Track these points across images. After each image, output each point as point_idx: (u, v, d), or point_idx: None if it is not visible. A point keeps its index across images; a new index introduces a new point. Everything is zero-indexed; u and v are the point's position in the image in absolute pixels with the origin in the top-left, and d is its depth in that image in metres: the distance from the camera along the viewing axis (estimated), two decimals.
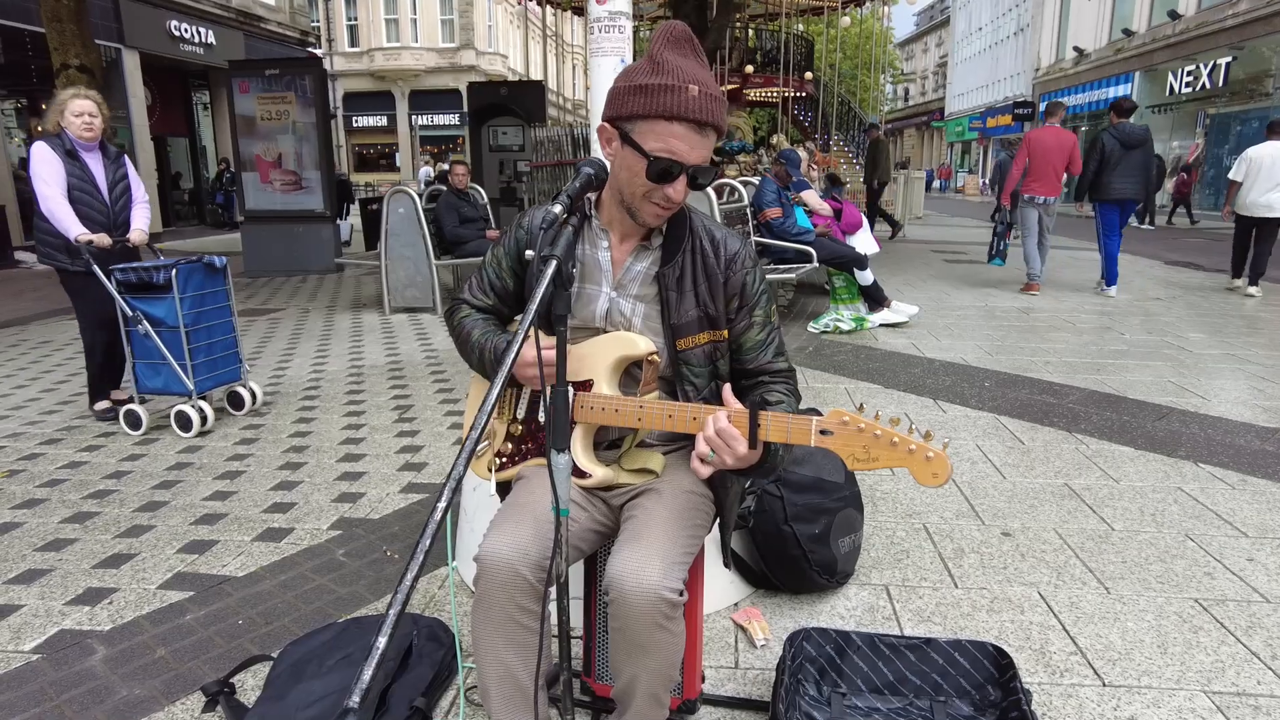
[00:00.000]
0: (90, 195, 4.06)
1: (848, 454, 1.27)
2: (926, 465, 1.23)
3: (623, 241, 1.55)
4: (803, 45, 21.03)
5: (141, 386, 4.09)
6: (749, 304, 1.54)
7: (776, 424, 1.32)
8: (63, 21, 7.34)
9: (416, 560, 0.87)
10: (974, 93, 42.34)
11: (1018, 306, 7.20)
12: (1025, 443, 3.69)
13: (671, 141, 1.35)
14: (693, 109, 1.34)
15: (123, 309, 3.93)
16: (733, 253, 1.53)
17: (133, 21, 14.35)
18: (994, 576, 2.50)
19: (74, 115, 4.01)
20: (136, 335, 3.99)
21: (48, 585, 2.53)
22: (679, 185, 1.39)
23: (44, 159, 3.95)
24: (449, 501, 0.91)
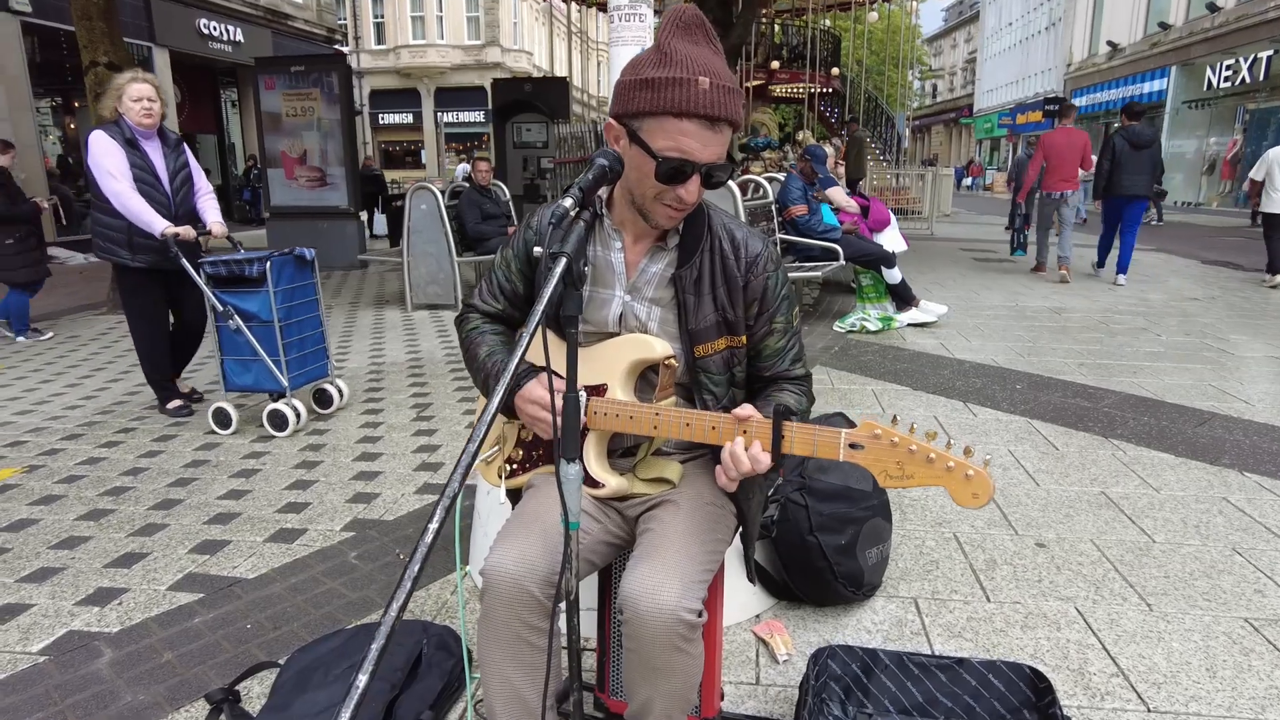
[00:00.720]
0: (152, 186, 3.88)
1: (879, 470, 1.18)
2: (966, 484, 1.14)
3: (636, 242, 1.46)
4: (829, 41, 20.77)
5: (230, 384, 3.97)
6: (770, 309, 1.45)
7: (802, 436, 1.23)
8: (92, 19, 7.37)
9: (403, 588, 0.79)
10: (1003, 89, 41.69)
11: (1049, 306, 7.02)
12: (1059, 448, 3.55)
13: (681, 140, 1.25)
14: (703, 104, 1.23)
15: (213, 304, 3.81)
16: (754, 254, 1.44)
17: (163, 20, 14.50)
18: (1028, 590, 2.39)
19: (132, 100, 3.81)
20: (226, 331, 3.86)
21: (59, 584, 2.50)
22: (691, 186, 1.29)
23: (106, 149, 3.75)
24: (441, 522, 0.84)
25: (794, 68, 19.67)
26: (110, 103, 3.85)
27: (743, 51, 17.04)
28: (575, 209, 1.18)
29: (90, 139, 3.77)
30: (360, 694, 0.74)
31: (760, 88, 19.83)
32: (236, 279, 3.82)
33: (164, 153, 3.98)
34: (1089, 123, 28.46)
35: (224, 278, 3.82)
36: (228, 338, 3.89)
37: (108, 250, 3.95)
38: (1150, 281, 8.53)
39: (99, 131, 3.78)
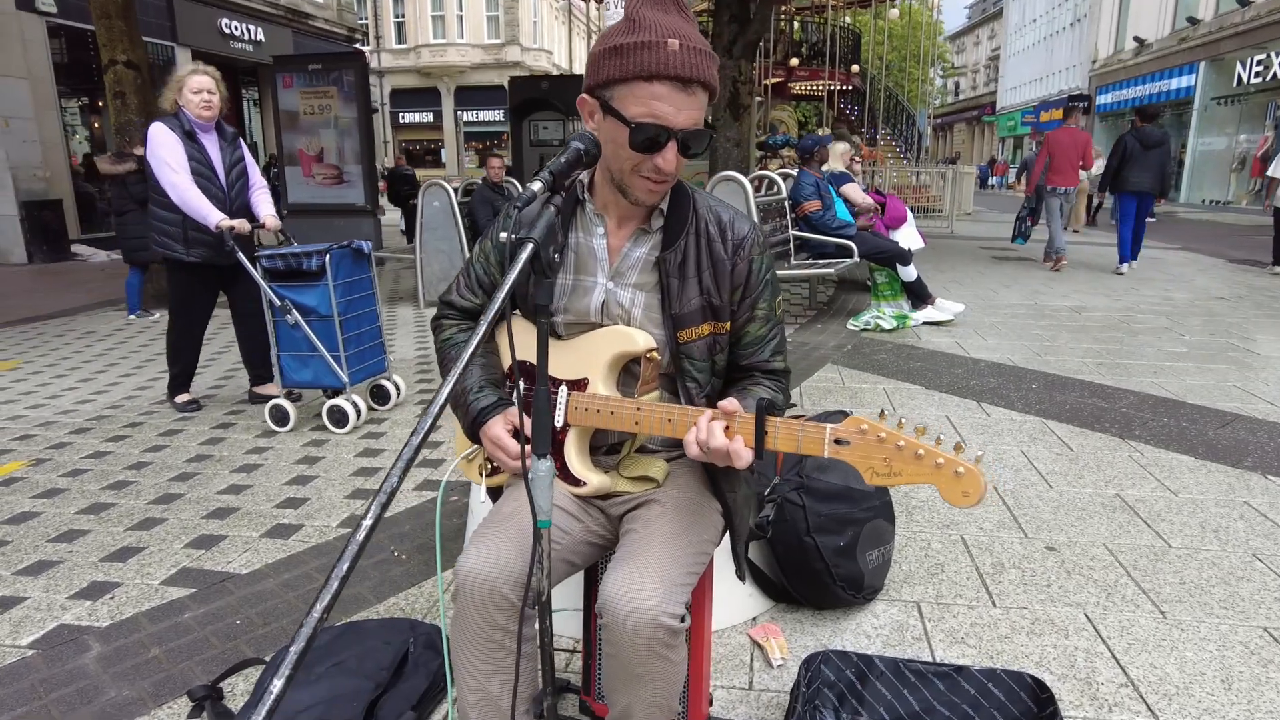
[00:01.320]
0: (208, 180, 3.85)
1: (866, 467, 1.12)
2: (956, 482, 1.07)
3: (620, 227, 1.41)
4: (849, 38, 20.57)
5: (287, 380, 3.89)
6: (753, 294, 1.40)
7: (786, 432, 1.18)
8: (111, 18, 7.45)
9: (329, 589, 0.75)
10: (1026, 86, 41.15)
11: (1069, 305, 6.88)
12: (1074, 449, 3.46)
13: (654, 104, 1.20)
14: (674, 65, 1.19)
15: (270, 298, 3.75)
16: (741, 236, 1.39)
17: (185, 20, 14.64)
18: (1036, 595, 2.31)
19: (191, 93, 3.78)
20: (283, 326, 3.79)
21: (54, 578, 2.50)
22: (668, 154, 1.24)
23: (165, 142, 3.72)
24: (375, 519, 0.79)
25: (813, 65, 19.52)
26: (171, 95, 3.83)
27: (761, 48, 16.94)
28: (546, 193, 1.13)
29: (150, 131, 3.75)
30: (274, 700, 0.69)
31: (779, 85, 19.69)
32: (294, 273, 3.77)
33: (221, 146, 3.96)
34: (1115, 120, 28.01)
35: (280, 272, 3.77)
36: (285, 333, 3.82)
37: (162, 244, 3.92)
38: (1175, 280, 8.35)
39: (159, 124, 3.77)
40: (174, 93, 3.82)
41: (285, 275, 3.77)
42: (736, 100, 10.90)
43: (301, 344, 3.79)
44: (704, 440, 1.19)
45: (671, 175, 1.28)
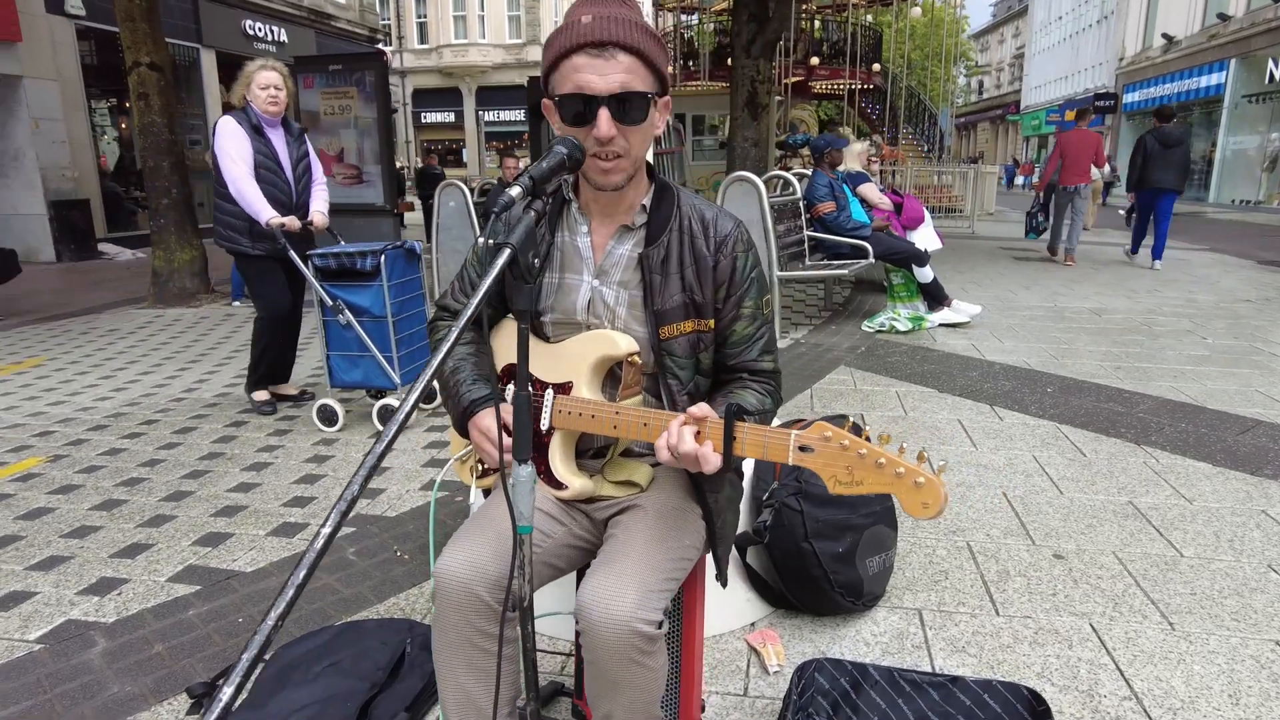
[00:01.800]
0: (275, 174, 3.86)
1: (829, 475, 1.11)
2: (916, 492, 1.06)
3: (603, 225, 1.41)
4: (870, 36, 20.41)
5: (336, 380, 3.87)
6: (738, 292, 1.38)
7: (753, 437, 1.17)
8: (135, 21, 7.56)
9: (284, 597, 0.75)
10: (1052, 85, 40.61)
11: (1089, 307, 6.78)
12: (1087, 455, 3.40)
13: (576, 77, 1.23)
14: (586, 34, 1.22)
15: (322, 297, 3.73)
16: (724, 234, 1.38)
17: (210, 22, 14.83)
18: (1041, 604, 2.27)
19: (259, 88, 3.78)
20: (334, 326, 3.78)
21: (65, 573, 2.54)
22: (601, 122, 1.23)
23: (231, 135, 3.74)
24: (335, 527, 0.79)
25: (834, 64, 19.40)
26: (239, 90, 3.84)
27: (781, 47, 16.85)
28: (525, 198, 1.13)
29: (218, 125, 3.77)
30: (222, 708, 0.69)
31: (800, 84, 19.59)
32: (346, 272, 3.74)
33: (287, 141, 3.96)
34: (1142, 118, 27.56)
35: (333, 271, 3.74)
36: (336, 333, 3.80)
37: (228, 238, 3.92)
38: (1200, 282, 8.20)
39: (227, 117, 3.79)
40: (243, 88, 3.83)
41: (337, 274, 3.75)
42: (754, 99, 10.86)
43: (352, 344, 3.76)
44: (674, 445, 1.18)
45: (612, 145, 1.26)
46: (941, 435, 3.66)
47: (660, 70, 1.29)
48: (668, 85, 1.33)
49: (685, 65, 20.30)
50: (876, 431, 3.71)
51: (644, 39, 1.25)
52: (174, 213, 7.87)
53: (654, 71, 1.28)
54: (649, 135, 1.31)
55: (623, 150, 1.27)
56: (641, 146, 1.31)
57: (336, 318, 3.73)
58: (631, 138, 1.28)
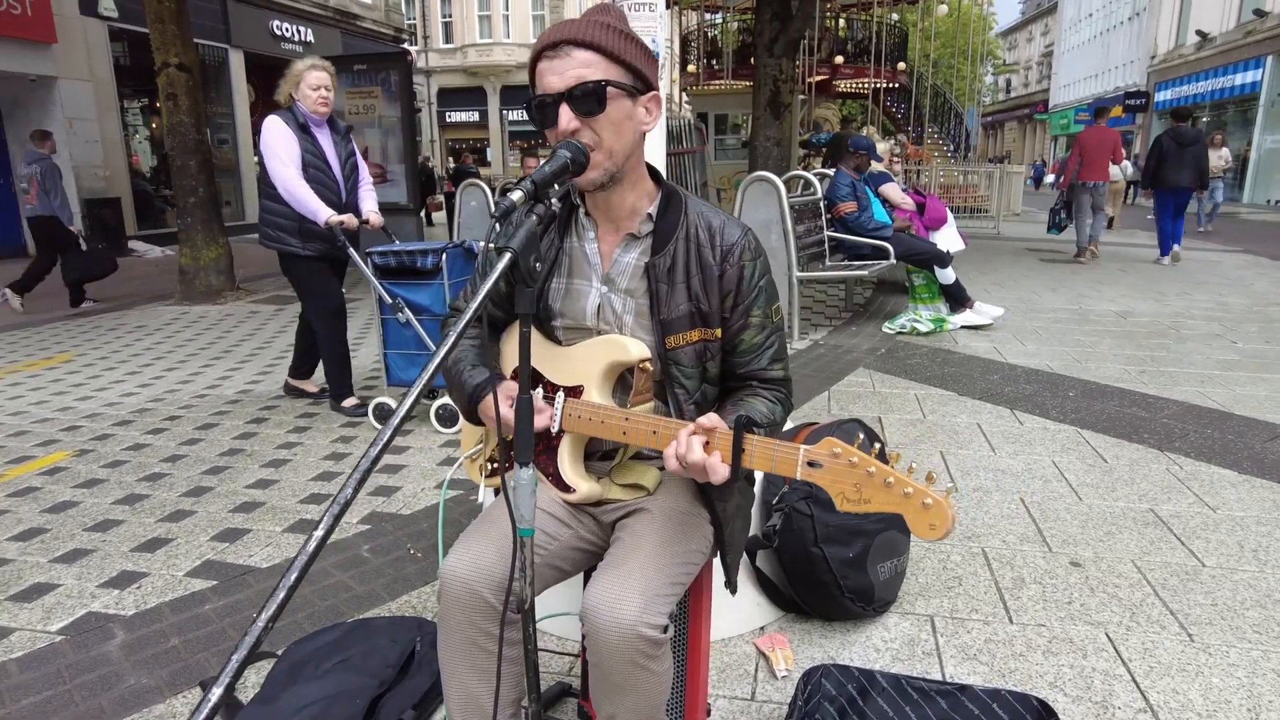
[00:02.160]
0: (323, 173, 3.82)
1: (837, 492, 1.10)
2: (924, 513, 1.05)
3: (610, 232, 1.41)
4: (895, 35, 20.22)
5: (393, 379, 3.87)
6: (745, 301, 1.38)
7: (762, 450, 1.16)
8: (164, 22, 7.68)
9: (275, 599, 0.76)
10: (1081, 83, 40.01)
11: (1115, 310, 6.67)
12: (1108, 461, 3.35)
13: (540, 82, 1.27)
14: (542, 41, 1.27)
15: (381, 295, 3.73)
16: (730, 243, 1.37)
17: (238, 22, 15.04)
18: (1056, 612, 2.24)
19: (310, 88, 3.72)
20: (392, 324, 3.77)
21: (87, 566, 2.59)
22: (562, 118, 1.25)
23: (280, 135, 3.68)
24: (328, 530, 0.80)
25: (859, 63, 19.24)
26: (287, 89, 3.79)
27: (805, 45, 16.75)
28: (527, 202, 1.13)
29: (265, 124, 3.71)
30: (211, 707, 0.70)
31: (824, 83, 19.46)
32: (405, 270, 3.73)
33: (334, 140, 3.92)
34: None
35: (391, 269, 3.74)
36: (394, 331, 3.78)
37: (276, 239, 3.88)
38: (1232, 284, 8.03)
39: (274, 117, 3.73)
40: (290, 87, 3.77)
41: (395, 273, 3.74)
42: (777, 98, 10.80)
43: (410, 342, 3.75)
44: (682, 454, 1.18)
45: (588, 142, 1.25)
46: (960, 439, 3.62)
47: (631, 65, 1.27)
48: (650, 82, 1.32)
49: (709, 64, 20.25)
50: (894, 436, 3.68)
51: (603, 34, 1.25)
52: (201, 211, 7.99)
53: (622, 66, 1.27)
54: (624, 128, 1.29)
55: (593, 143, 1.26)
56: (616, 139, 1.28)
57: (395, 316, 3.71)
58: (600, 131, 1.26)
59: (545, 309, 1.44)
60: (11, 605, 2.37)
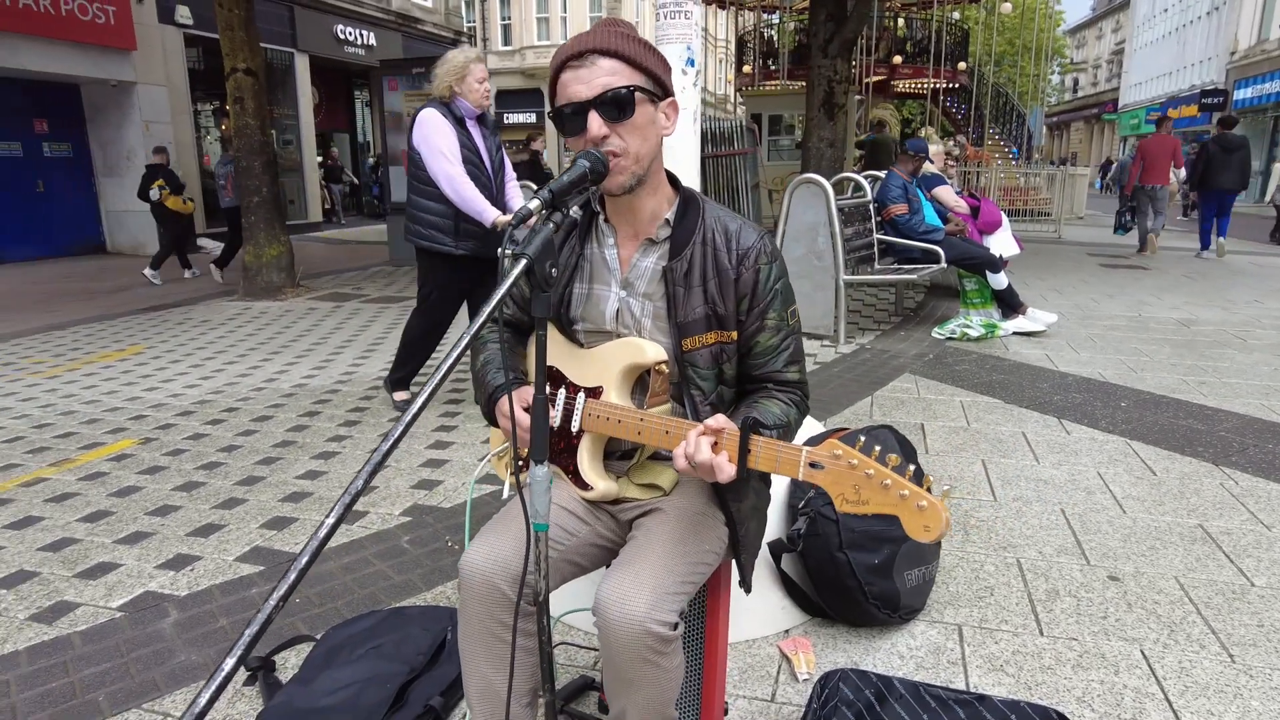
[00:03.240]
0: (478, 169, 3.69)
1: (837, 493, 1.12)
2: (919, 515, 1.06)
3: (629, 237, 1.45)
4: (956, 34, 19.80)
5: None
6: (760, 304, 1.40)
7: (767, 451, 1.19)
8: (234, 29, 8.00)
9: (287, 579, 0.81)
10: (1153, 81, 38.52)
11: (1178, 318, 6.44)
12: (1157, 473, 3.25)
13: (565, 91, 1.31)
14: (566, 51, 1.30)
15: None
16: (746, 246, 1.40)
17: (305, 27, 15.54)
18: (1089, 626, 2.20)
19: (477, 81, 3.58)
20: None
21: (146, 548, 2.74)
22: (592, 125, 1.28)
23: (441, 130, 3.53)
24: (339, 518, 0.86)
25: (918, 62, 18.90)
26: (447, 81, 3.60)
27: (862, 46, 16.53)
28: (544, 210, 1.18)
29: (422, 117, 3.57)
30: (225, 677, 0.76)
31: (882, 83, 19.18)
32: None
33: (484, 134, 3.76)
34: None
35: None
36: None
37: (428, 236, 3.75)
38: None
39: (432, 110, 3.57)
40: (452, 79, 3.58)
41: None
42: (831, 99, 10.70)
43: None
44: (691, 454, 1.21)
45: (614, 147, 1.29)
46: (1003, 448, 3.56)
47: (652, 72, 1.32)
48: (668, 88, 1.37)
49: (764, 64, 20.13)
50: (935, 444, 3.64)
51: (625, 44, 1.30)
52: (264, 210, 8.29)
53: (644, 73, 1.31)
54: (648, 133, 1.33)
55: (620, 149, 1.30)
56: (642, 145, 1.32)
57: None
58: (627, 136, 1.30)
59: (567, 313, 1.48)
60: (78, 582, 2.52)
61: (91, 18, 11.29)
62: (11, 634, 2.25)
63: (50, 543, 2.80)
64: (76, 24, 11.10)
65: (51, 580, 2.54)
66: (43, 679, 2.04)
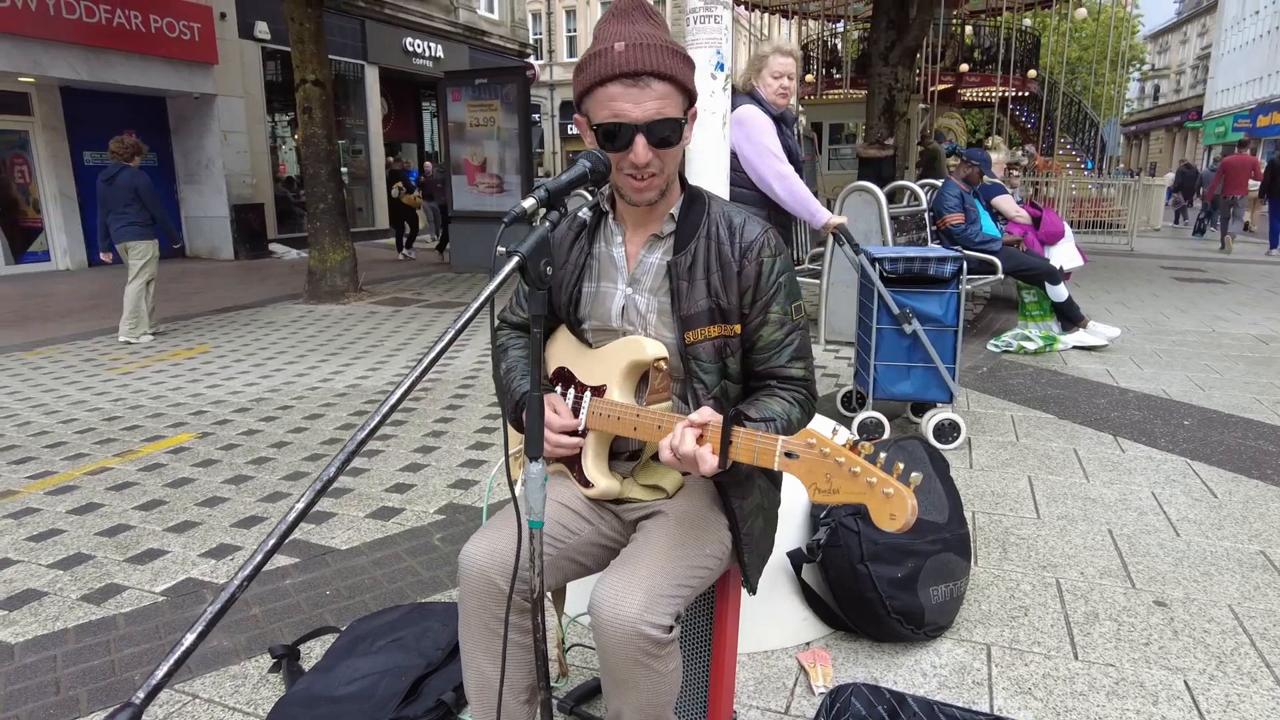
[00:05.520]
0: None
1: (810, 483, 1.10)
2: (885, 503, 1.03)
3: (635, 234, 1.46)
4: (1026, 41, 19.25)
5: (882, 392, 3.60)
6: (764, 297, 1.39)
7: (746, 442, 1.18)
8: (304, 42, 8.32)
9: (254, 561, 0.84)
10: (1242, 87, 36.66)
11: (1255, 334, 6.10)
12: (1218, 496, 3.09)
13: (612, 105, 1.27)
14: (620, 64, 1.26)
15: (889, 305, 3.47)
16: (750, 239, 1.39)
17: (375, 40, 16.05)
18: (1129, 653, 2.10)
19: (772, 76, 3.26)
20: (888, 335, 3.51)
21: (192, 536, 2.85)
22: (637, 148, 1.28)
23: (764, 127, 3.23)
24: (308, 504, 0.88)
25: (985, 70, 18.44)
26: (746, 74, 3.38)
27: (926, 54, 16.22)
28: (540, 208, 1.19)
29: (746, 114, 3.26)
30: (182, 651, 0.79)
31: (947, 92, 18.76)
32: (915, 278, 3.50)
33: (785, 134, 3.43)
34: None
35: (898, 277, 3.49)
36: (888, 341, 3.54)
37: None
38: None
39: (752, 107, 3.29)
40: (749, 72, 3.36)
41: (901, 281, 3.51)
42: (891, 107, 10.54)
43: (905, 354, 3.54)
44: (675, 445, 1.21)
45: (647, 167, 1.30)
46: (1051, 464, 3.43)
47: (691, 91, 1.33)
48: (695, 98, 1.36)
49: (828, 73, 19.93)
50: (980, 459, 3.52)
51: (674, 63, 1.29)
52: (329, 216, 8.57)
53: (687, 94, 1.32)
54: (680, 152, 1.36)
55: (657, 170, 1.32)
56: (674, 164, 1.36)
57: (901, 327, 3.48)
58: (665, 158, 1.33)
59: (575, 312, 1.50)
60: (128, 566, 2.64)
61: (178, 34, 11.88)
62: (63, 612, 2.36)
63: (107, 528, 2.94)
64: (165, 40, 11.71)
65: (105, 564, 2.66)
66: (86, 656, 2.14)
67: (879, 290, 3.49)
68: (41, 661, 2.13)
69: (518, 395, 1.52)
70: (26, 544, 2.82)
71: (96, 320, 7.53)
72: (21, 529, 2.95)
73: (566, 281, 1.50)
